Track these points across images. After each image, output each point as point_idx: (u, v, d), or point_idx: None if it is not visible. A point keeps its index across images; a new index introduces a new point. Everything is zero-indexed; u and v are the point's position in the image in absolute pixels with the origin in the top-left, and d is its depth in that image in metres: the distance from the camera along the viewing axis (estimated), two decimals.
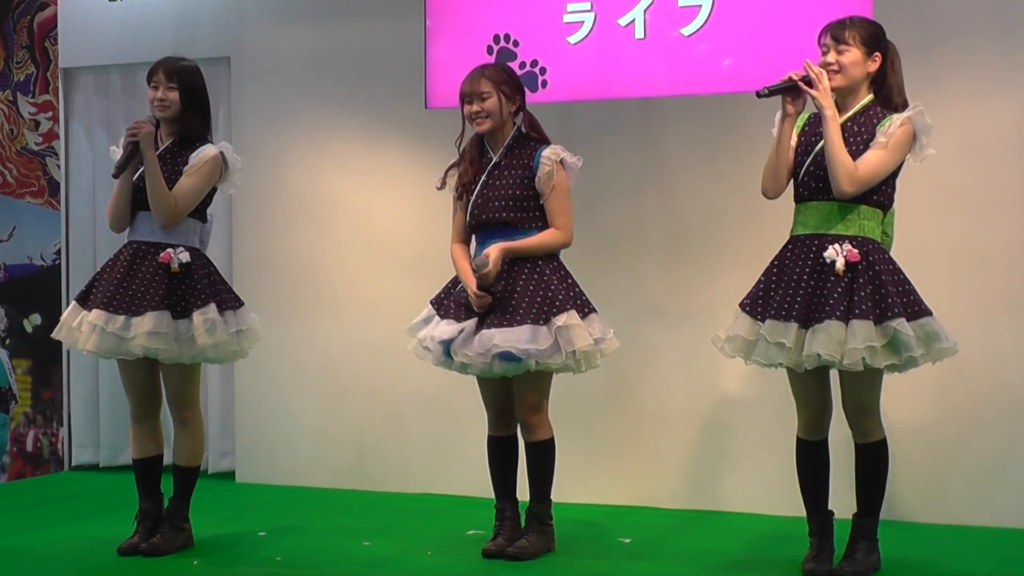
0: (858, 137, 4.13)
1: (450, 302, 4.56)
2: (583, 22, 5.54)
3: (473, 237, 4.68)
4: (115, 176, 4.58)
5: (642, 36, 5.45)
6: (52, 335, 4.71)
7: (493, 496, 4.71)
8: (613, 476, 5.58)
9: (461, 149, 4.69)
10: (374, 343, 5.93)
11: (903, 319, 4.00)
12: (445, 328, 4.48)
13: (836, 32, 4.17)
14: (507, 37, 5.65)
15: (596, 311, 4.56)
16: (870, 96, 4.19)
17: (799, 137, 4.25)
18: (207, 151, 4.61)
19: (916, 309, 4.07)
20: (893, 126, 4.09)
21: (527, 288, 4.46)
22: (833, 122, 4.06)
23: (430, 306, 4.65)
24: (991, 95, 5.04)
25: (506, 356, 4.36)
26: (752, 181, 5.01)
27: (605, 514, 5.38)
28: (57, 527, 5.18)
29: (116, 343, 4.49)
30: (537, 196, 4.54)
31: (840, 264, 4.03)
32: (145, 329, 4.45)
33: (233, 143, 6.08)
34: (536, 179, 4.52)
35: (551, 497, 4.63)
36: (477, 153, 4.61)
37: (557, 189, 4.53)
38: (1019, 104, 5.02)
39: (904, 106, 4.19)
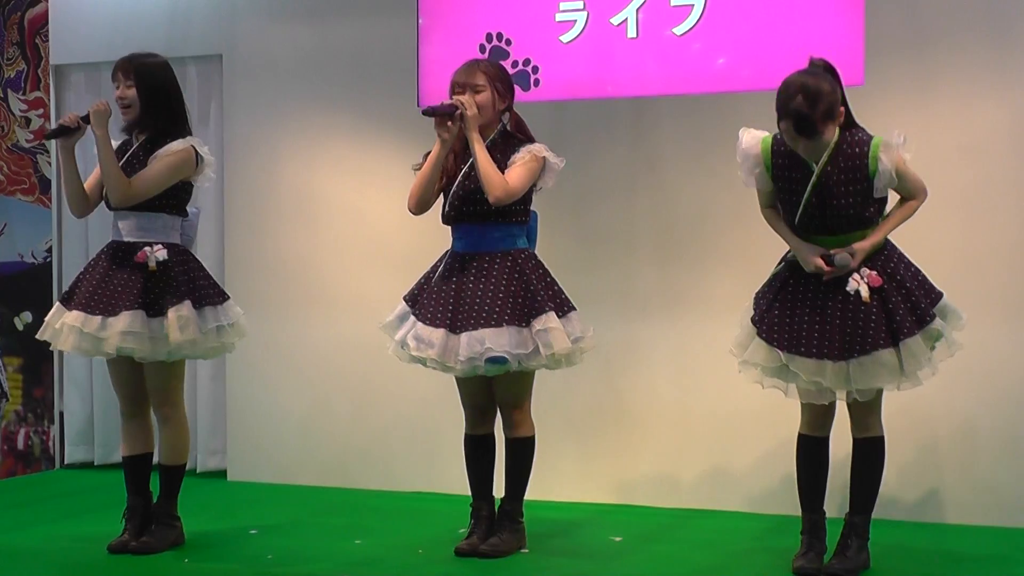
0: (850, 174, 4.03)
1: (425, 299, 4.53)
2: (575, 21, 5.53)
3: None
4: (46, 138, 4.48)
5: (634, 35, 5.45)
6: (37, 336, 4.73)
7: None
8: (604, 474, 5.58)
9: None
10: (365, 342, 5.90)
11: (936, 317, 4.05)
12: (423, 333, 4.44)
13: (804, 128, 3.93)
14: (499, 36, 5.64)
15: (575, 308, 4.54)
16: (837, 132, 4.04)
17: (774, 170, 4.15)
18: (174, 145, 4.56)
19: (934, 295, 4.11)
20: (891, 154, 4.02)
21: (509, 288, 4.43)
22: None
23: (404, 303, 4.63)
24: (983, 95, 5.05)
25: (494, 359, 4.34)
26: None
27: (596, 512, 5.38)
28: (47, 525, 5.17)
29: (93, 343, 4.51)
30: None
31: (865, 293, 3.98)
32: (119, 329, 4.46)
33: (225, 141, 6.13)
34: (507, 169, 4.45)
35: (524, 496, 4.62)
36: (461, 147, 4.54)
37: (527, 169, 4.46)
38: (1011, 104, 5.02)
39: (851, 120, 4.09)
